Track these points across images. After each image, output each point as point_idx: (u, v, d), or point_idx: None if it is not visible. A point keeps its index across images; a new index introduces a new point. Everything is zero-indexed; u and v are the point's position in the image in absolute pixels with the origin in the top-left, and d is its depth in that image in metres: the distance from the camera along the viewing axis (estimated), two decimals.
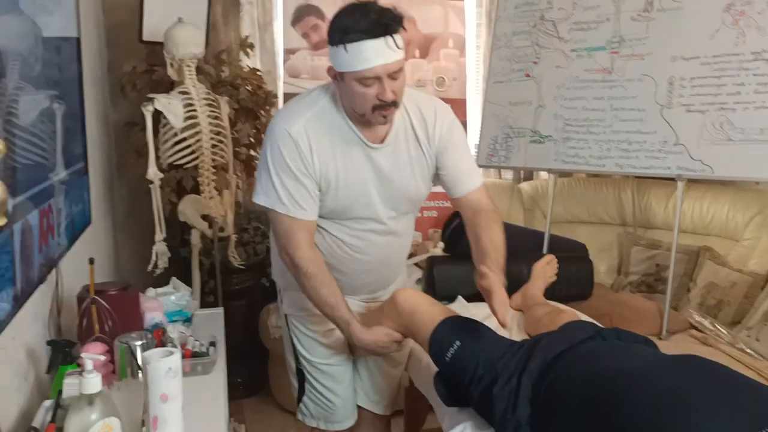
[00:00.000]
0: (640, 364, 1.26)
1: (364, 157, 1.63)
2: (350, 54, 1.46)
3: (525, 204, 3.51)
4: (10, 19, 1.33)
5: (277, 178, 1.59)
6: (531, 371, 1.36)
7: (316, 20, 3.19)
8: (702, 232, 3.04)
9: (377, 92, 1.50)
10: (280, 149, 1.58)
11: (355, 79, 1.49)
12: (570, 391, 1.27)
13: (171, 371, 1.16)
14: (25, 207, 1.34)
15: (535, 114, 2.96)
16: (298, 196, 1.59)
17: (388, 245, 1.76)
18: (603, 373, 1.25)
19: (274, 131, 1.60)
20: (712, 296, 2.66)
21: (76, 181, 1.85)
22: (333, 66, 1.53)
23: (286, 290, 1.85)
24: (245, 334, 2.96)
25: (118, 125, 2.97)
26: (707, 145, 2.45)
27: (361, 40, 1.44)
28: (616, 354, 1.34)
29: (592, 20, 2.81)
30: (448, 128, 1.69)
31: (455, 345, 1.49)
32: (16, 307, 1.27)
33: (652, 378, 1.17)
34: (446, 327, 1.55)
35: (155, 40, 2.64)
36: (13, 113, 1.31)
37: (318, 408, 1.88)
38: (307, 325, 1.83)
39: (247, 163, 2.97)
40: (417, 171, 1.69)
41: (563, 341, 1.41)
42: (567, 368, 1.33)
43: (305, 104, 1.63)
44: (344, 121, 1.61)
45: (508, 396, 1.35)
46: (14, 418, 1.32)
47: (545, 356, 1.37)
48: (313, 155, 1.58)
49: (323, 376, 1.85)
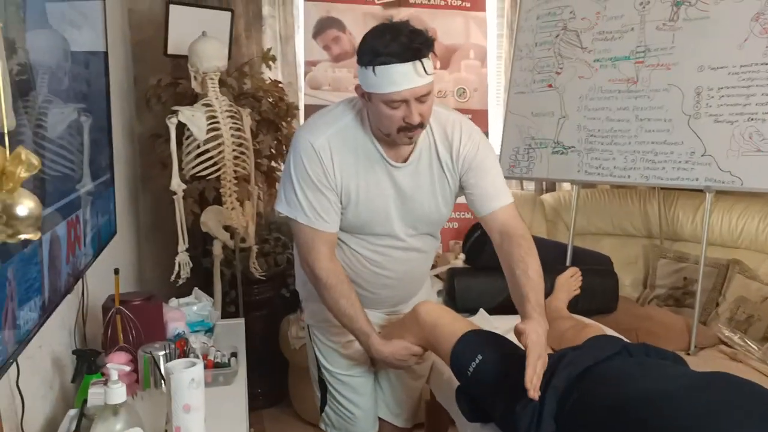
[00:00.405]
0: (671, 384, 1.22)
1: (386, 175, 1.62)
2: (379, 77, 1.45)
3: (547, 216, 3.48)
4: (40, 34, 1.35)
5: (299, 189, 1.59)
6: (555, 388, 1.33)
7: (338, 33, 3.21)
8: (731, 244, 2.98)
9: (404, 114, 1.48)
10: (303, 161, 1.58)
11: (382, 101, 1.48)
12: (597, 410, 1.24)
13: (194, 382, 1.16)
14: (53, 218, 1.35)
15: (558, 125, 2.94)
16: (319, 208, 1.59)
17: (408, 261, 1.75)
18: (632, 393, 1.22)
19: (299, 143, 1.61)
20: (742, 311, 2.60)
21: (102, 192, 1.87)
22: (361, 85, 1.52)
23: (307, 301, 1.85)
24: (265, 345, 2.96)
25: (142, 137, 3.01)
26: (736, 156, 2.41)
27: (390, 63, 1.43)
28: (645, 373, 1.30)
29: (617, 30, 2.79)
30: (473, 150, 1.64)
31: (477, 359, 1.47)
32: (44, 317, 1.28)
33: (683, 400, 1.14)
34: (468, 341, 1.54)
35: (180, 53, 2.69)
36: (42, 126, 1.33)
37: (339, 419, 1.88)
38: (328, 336, 1.82)
39: (269, 174, 2.98)
40: (438, 192, 1.67)
41: (588, 357, 1.38)
42: (593, 386, 1.30)
43: (331, 118, 1.63)
44: (368, 138, 1.60)
45: (531, 413, 1.32)
46: (40, 426, 1.34)
47: (570, 373, 1.34)
48: (335, 169, 1.58)
49: (344, 387, 1.85)
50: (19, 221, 0.73)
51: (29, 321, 1.19)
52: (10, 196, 0.73)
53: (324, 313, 1.74)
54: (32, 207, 0.74)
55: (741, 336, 2.41)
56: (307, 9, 3.18)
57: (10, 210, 0.73)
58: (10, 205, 0.73)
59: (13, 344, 1.10)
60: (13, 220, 0.73)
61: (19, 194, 0.74)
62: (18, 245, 1.11)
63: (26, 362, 1.24)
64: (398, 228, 1.67)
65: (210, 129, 2.43)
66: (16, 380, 1.17)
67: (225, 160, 2.46)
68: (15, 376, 1.16)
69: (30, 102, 1.25)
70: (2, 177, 0.73)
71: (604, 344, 1.50)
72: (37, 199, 0.75)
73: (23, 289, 1.14)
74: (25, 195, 0.75)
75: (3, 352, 1.04)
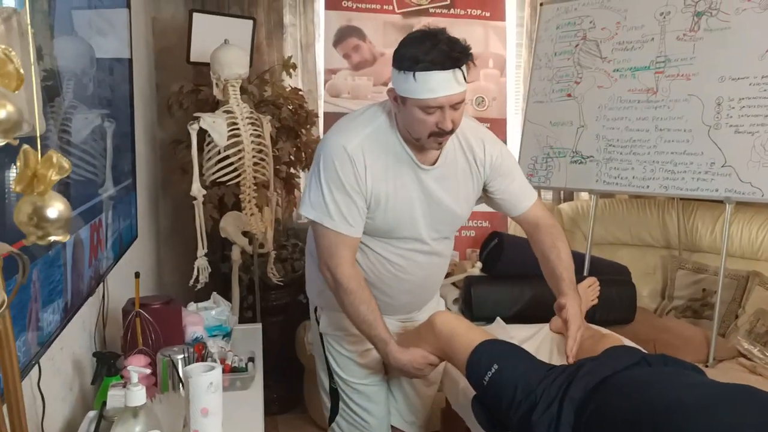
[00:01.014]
0: (691, 395, 1.21)
1: (414, 178, 1.64)
2: (418, 83, 1.47)
3: (565, 225, 3.46)
4: (66, 41, 1.38)
5: (328, 192, 1.58)
6: (573, 398, 1.32)
7: (358, 41, 3.24)
8: (751, 256, 2.94)
9: (437, 120, 1.51)
10: (334, 164, 1.57)
11: (418, 106, 1.50)
12: (614, 421, 1.23)
13: (212, 386, 1.17)
14: (77, 222, 1.38)
15: (577, 134, 2.93)
16: (347, 212, 1.58)
17: (430, 265, 1.76)
18: (651, 404, 1.20)
19: (330, 146, 1.59)
20: (762, 323, 2.56)
21: (124, 197, 1.90)
22: (395, 89, 1.54)
23: (323, 309, 1.85)
24: (282, 350, 2.98)
25: (164, 143, 3.06)
26: (756, 167, 2.39)
27: (430, 70, 1.46)
28: (664, 383, 1.29)
29: (637, 40, 2.78)
30: (497, 158, 1.71)
31: (493, 368, 1.47)
32: (66, 319, 1.31)
33: (703, 411, 1.13)
34: (484, 350, 1.53)
35: (202, 61, 2.72)
36: (67, 131, 1.36)
37: (352, 428, 1.87)
38: (344, 344, 1.82)
39: (287, 180, 3.01)
40: (462, 195, 1.70)
41: (606, 367, 1.38)
42: (610, 397, 1.29)
43: (362, 122, 1.64)
44: (398, 141, 1.62)
45: (548, 423, 1.32)
46: (60, 427, 1.36)
47: (587, 383, 1.34)
48: (367, 173, 1.58)
49: (359, 396, 1.84)
50: (49, 223, 0.75)
51: (52, 323, 1.21)
52: (41, 199, 0.75)
53: (341, 322, 1.75)
54: (62, 209, 0.76)
55: (761, 349, 2.37)
56: (327, 18, 3.21)
57: (41, 212, 0.75)
58: (40, 207, 0.75)
59: (35, 345, 1.12)
60: (44, 222, 0.75)
61: (50, 197, 0.75)
62: (42, 248, 1.14)
63: (47, 364, 1.26)
64: (424, 231, 1.69)
65: (231, 135, 2.45)
66: (38, 381, 1.19)
67: (245, 166, 2.48)
68: (37, 378, 1.18)
69: (56, 107, 1.28)
70: (34, 180, 0.74)
71: (622, 354, 1.49)
72: (66, 201, 0.77)
73: (47, 291, 1.17)
74: (56, 197, 0.76)
75: (26, 353, 1.07)
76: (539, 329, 2.15)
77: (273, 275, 2.74)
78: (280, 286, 2.82)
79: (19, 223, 0.75)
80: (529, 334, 2.07)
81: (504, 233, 2.83)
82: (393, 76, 1.54)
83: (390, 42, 3.27)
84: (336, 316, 1.76)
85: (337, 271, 1.61)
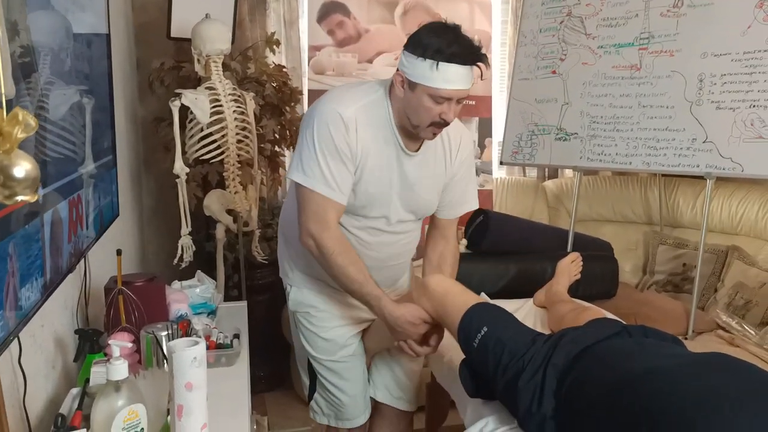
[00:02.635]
0: (669, 363, 1.24)
1: (396, 160, 1.66)
2: (439, 72, 1.52)
3: (549, 202, 3.48)
4: (42, 15, 1.35)
5: (321, 158, 1.58)
6: (555, 365, 1.35)
7: (342, 17, 3.20)
8: (731, 231, 2.98)
9: (442, 111, 1.57)
10: (329, 129, 1.58)
11: (429, 94, 1.55)
12: (596, 388, 1.25)
13: (196, 360, 1.17)
14: (54, 198, 1.36)
15: (561, 111, 2.93)
16: (338, 178, 1.60)
17: (395, 244, 1.78)
18: (632, 371, 1.23)
19: (324, 112, 1.60)
20: (740, 296, 2.61)
21: (104, 173, 1.88)
22: (405, 73, 1.57)
23: (292, 287, 1.86)
24: (267, 329, 2.98)
25: (145, 121, 3.02)
26: (737, 142, 2.41)
27: (454, 62, 1.52)
28: (644, 352, 1.32)
29: (621, 16, 2.78)
30: (467, 157, 1.80)
31: (483, 330, 1.48)
32: (46, 295, 1.30)
33: (681, 378, 1.15)
34: (475, 312, 1.54)
35: (183, 36, 2.68)
36: (44, 107, 1.33)
37: (329, 405, 1.89)
38: (312, 321, 1.83)
39: (272, 159, 2.99)
40: (434, 185, 1.76)
41: (589, 336, 1.40)
42: (592, 364, 1.31)
43: (359, 93, 1.66)
44: (389, 122, 1.64)
45: (533, 389, 1.34)
46: (42, 404, 1.35)
47: (570, 351, 1.36)
48: (359, 142, 1.60)
49: (330, 373, 1.86)
50: (16, 182, 0.74)
51: (31, 298, 1.20)
52: (7, 157, 0.73)
53: (309, 298, 1.79)
54: (29, 168, 0.75)
55: (739, 321, 2.42)
56: None
57: (7, 171, 0.73)
58: (6, 166, 0.73)
59: (14, 320, 1.11)
60: (11, 182, 0.73)
61: (16, 155, 0.74)
62: (19, 221, 1.12)
63: (28, 340, 1.25)
64: (394, 213, 1.71)
65: (213, 112, 2.43)
66: (19, 358, 1.18)
67: (228, 144, 2.46)
68: (17, 354, 1.18)
69: (32, 83, 1.26)
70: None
71: (605, 326, 1.52)
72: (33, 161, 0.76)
73: (25, 265, 1.16)
74: (22, 156, 0.75)
75: (4, 327, 1.06)
76: (523, 303, 2.18)
77: (258, 254, 2.73)
78: (265, 264, 2.82)
79: None
80: (513, 309, 2.09)
81: (489, 210, 2.85)
82: (407, 60, 1.57)
83: (374, 18, 3.24)
84: (303, 293, 1.79)
85: (322, 236, 1.61)
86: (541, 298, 2.17)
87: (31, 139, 1.10)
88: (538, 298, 2.17)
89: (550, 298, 2.12)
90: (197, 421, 1.15)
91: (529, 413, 1.34)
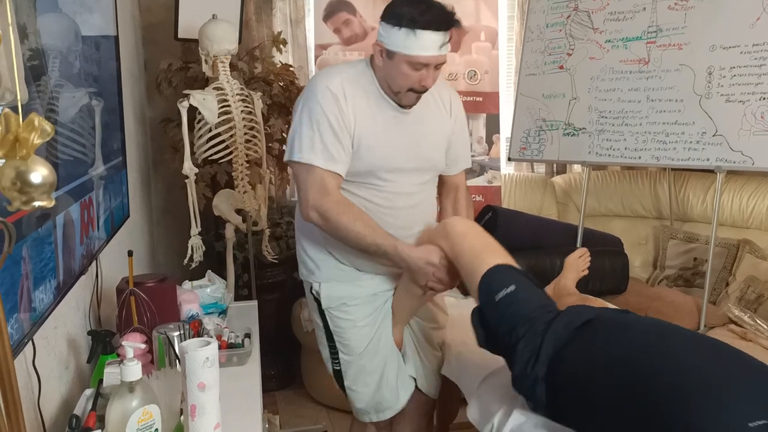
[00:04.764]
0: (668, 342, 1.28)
1: (393, 119, 1.72)
2: (417, 39, 1.59)
3: (558, 198, 3.47)
4: (51, 18, 1.36)
5: (316, 132, 1.64)
6: (555, 332, 1.37)
7: (348, 16, 3.20)
8: (741, 225, 2.96)
9: (420, 78, 1.64)
10: (320, 104, 1.64)
11: (407, 61, 1.62)
12: (592, 361, 1.30)
13: (208, 360, 1.18)
14: (66, 200, 1.37)
15: (569, 106, 2.92)
16: (334, 150, 1.64)
17: (414, 210, 1.79)
18: (631, 346, 1.28)
19: (314, 89, 1.67)
20: (752, 290, 2.59)
21: (114, 175, 1.89)
22: (383, 43, 1.65)
23: (322, 284, 1.82)
24: (278, 328, 2.99)
25: (154, 122, 3.03)
26: (747, 135, 2.39)
27: (428, 29, 1.58)
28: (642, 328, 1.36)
29: (629, 10, 2.76)
30: (461, 111, 1.88)
31: (510, 288, 1.46)
32: (58, 298, 1.31)
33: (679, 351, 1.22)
34: (506, 269, 1.53)
35: (190, 37, 2.69)
36: (54, 110, 1.34)
37: (368, 400, 1.86)
38: (348, 311, 1.80)
39: (280, 158, 2.99)
40: (439, 142, 1.82)
41: (591, 312, 1.44)
42: (592, 333, 1.36)
43: (342, 67, 1.78)
44: (377, 88, 1.72)
45: (529, 355, 1.37)
46: (56, 405, 1.36)
47: (571, 321, 1.39)
48: (350, 109, 1.66)
49: (365, 365, 1.82)
50: (33, 188, 0.74)
51: (44, 301, 1.21)
52: (24, 163, 0.74)
53: (342, 288, 1.79)
54: (46, 174, 0.75)
55: (751, 315, 2.40)
56: None
57: (24, 177, 0.74)
58: (24, 171, 0.74)
59: (28, 323, 1.12)
60: (28, 187, 0.74)
61: (33, 161, 0.74)
62: (32, 224, 1.13)
63: (42, 342, 1.26)
64: (404, 171, 1.75)
65: (221, 113, 2.43)
66: (33, 360, 1.19)
67: (237, 143, 2.47)
68: (31, 356, 1.19)
69: (42, 86, 1.26)
70: (16, 144, 0.73)
71: (606, 309, 1.56)
72: (50, 166, 0.76)
73: (38, 268, 1.16)
74: (39, 162, 0.75)
75: (19, 330, 1.07)
76: None
77: (268, 253, 2.74)
78: (275, 263, 2.82)
79: (2, 189, 0.75)
80: None
81: (498, 207, 2.84)
82: (383, 30, 1.65)
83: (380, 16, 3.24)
84: (334, 287, 1.79)
85: (323, 201, 1.64)
86: (549, 292, 2.17)
87: None
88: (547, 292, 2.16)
89: (558, 292, 2.12)
90: (210, 421, 1.16)
91: (524, 375, 1.38)
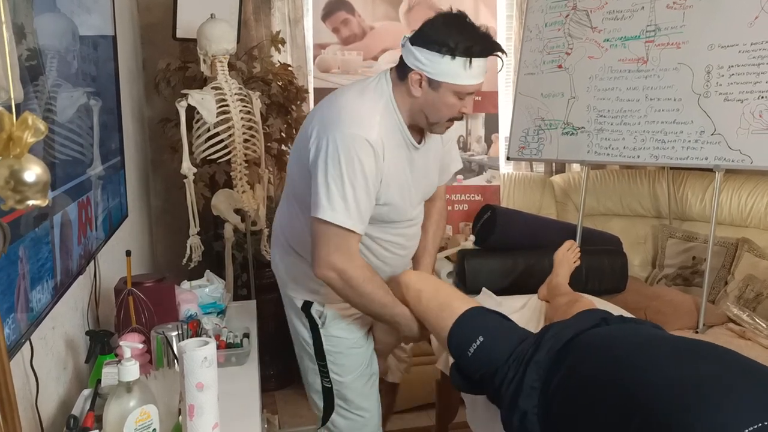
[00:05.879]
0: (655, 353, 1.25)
1: (407, 157, 1.63)
2: (471, 68, 1.50)
3: (557, 197, 3.47)
4: (48, 18, 1.36)
5: (350, 191, 1.50)
6: (537, 362, 1.35)
7: (347, 15, 3.20)
8: (740, 223, 2.96)
9: (463, 105, 1.56)
10: (360, 159, 1.49)
11: (455, 91, 1.53)
12: (581, 381, 1.27)
13: (206, 360, 1.18)
14: (64, 200, 1.37)
15: (568, 105, 2.92)
16: (364, 210, 1.53)
17: (416, 233, 1.81)
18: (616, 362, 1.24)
19: (350, 140, 1.49)
20: (751, 289, 2.59)
21: (112, 175, 1.89)
22: (425, 72, 1.52)
23: (325, 305, 1.75)
24: (277, 328, 2.98)
25: (152, 122, 3.03)
26: (746, 134, 2.39)
27: (481, 56, 1.51)
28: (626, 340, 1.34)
29: (627, 9, 2.76)
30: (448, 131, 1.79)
31: (479, 341, 1.46)
32: (56, 298, 1.30)
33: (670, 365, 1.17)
34: (469, 319, 1.52)
35: (188, 37, 2.69)
36: (52, 110, 1.34)
37: (350, 423, 1.81)
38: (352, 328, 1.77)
39: (279, 157, 2.99)
40: (436, 165, 1.77)
41: (569, 330, 1.41)
42: (576, 359, 1.33)
43: (370, 105, 1.56)
44: (399, 123, 1.59)
45: (512, 393, 1.35)
46: (54, 405, 1.36)
47: (552, 346, 1.37)
48: (384, 164, 1.55)
49: (362, 385, 1.79)
50: (27, 187, 0.74)
51: (42, 301, 1.21)
52: (17, 162, 0.74)
53: (345, 311, 1.73)
54: (40, 173, 0.75)
55: (750, 314, 2.40)
56: None
57: (18, 175, 0.74)
58: (17, 170, 0.74)
59: (26, 323, 1.12)
60: (21, 186, 0.74)
61: (26, 160, 0.74)
62: (29, 224, 1.13)
63: (39, 343, 1.26)
64: (413, 208, 1.72)
65: (220, 112, 2.43)
66: (30, 360, 1.19)
67: (235, 143, 2.47)
68: (29, 356, 1.18)
69: (39, 86, 1.26)
70: (9, 143, 0.73)
71: (585, 317, 1.51)
72: (44, 164, 0.76)
73: (35, 268, 1.16)
74: (33, 161, 0.75)
75: (16, 330, 1.07)
76: (530, 299, 2.17)
77: (266, 252, 2.74)
78: None
79: None
80: (520, 305, 2.10)
81: (497, 206, 2.84)
82: (426, 58, 1.50)
83: (379, 15, 3.23)
84: (334, 309, 1.73)
85: (348, 266, 1.55)
86: (545, 291, 2.17)
87: (39, 142, 1.11)
88: (542, 291, 2.16)
89: (551, 291, 2.11)
90: (209, 421, 1.16)
91: (512, 411, 1.35)
